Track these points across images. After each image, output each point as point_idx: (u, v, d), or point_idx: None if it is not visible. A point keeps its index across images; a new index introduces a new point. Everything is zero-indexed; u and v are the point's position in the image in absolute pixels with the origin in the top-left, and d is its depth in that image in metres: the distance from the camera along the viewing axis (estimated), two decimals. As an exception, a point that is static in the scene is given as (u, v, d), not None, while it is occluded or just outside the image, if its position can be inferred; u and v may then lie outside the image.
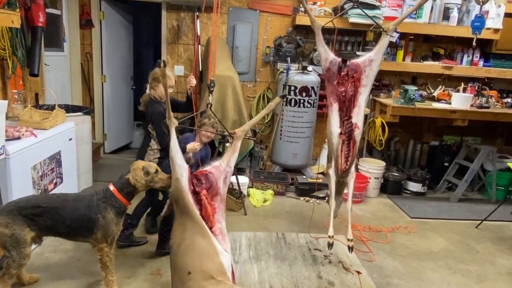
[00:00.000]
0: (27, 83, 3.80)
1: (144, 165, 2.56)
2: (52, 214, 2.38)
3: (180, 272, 2.30)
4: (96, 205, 2.45)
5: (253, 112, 5.27)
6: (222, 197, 2.54)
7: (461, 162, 5.00)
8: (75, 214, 2.41)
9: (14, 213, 2.31)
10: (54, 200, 2.44)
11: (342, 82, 2.88)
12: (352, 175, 3.09)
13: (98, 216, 2.43)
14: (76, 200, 2.46)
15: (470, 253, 3.55)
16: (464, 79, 5.18)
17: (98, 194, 2.50)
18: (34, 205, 2.37)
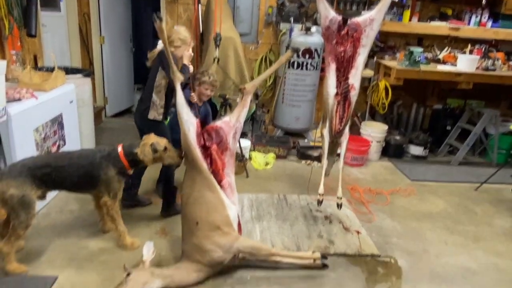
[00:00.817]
0: (25, 44, 3.73)
1: (154, 141, 2.56)
2: (60, 172, 2.44)
3: (189, 222, 2.47)
4: (99, 162, 2.52)
5: (255, 75, 5.19)
6: (231, 152, 2.65)
7: (463, 126, 4.99)
8: (80, 171, 2.49)
9: (25, 174, 2.34)
10: (61, 158, 2.50)
11: (341, 42, 2.82)
12: (345, 136, 3.13)
13: (100, 173, 2.53)
14: (80, 157, 2.53)
15: (468, 214, 3.61)
16: (471, 41, 5.06)
17: (101, 152, 2.56)
18: (43, 165, 2.41)
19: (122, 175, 2.62)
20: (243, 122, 2.71)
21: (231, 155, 2.65)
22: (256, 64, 5.19)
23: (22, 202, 2.30)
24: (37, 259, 2.56)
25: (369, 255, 2.84)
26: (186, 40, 2.93)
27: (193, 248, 2.44)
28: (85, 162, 2.51)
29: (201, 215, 2.43)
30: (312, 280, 2.55)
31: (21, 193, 2.30)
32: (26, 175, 2.34)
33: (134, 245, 2.71)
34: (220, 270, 2.52)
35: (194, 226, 2.43)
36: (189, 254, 2.47)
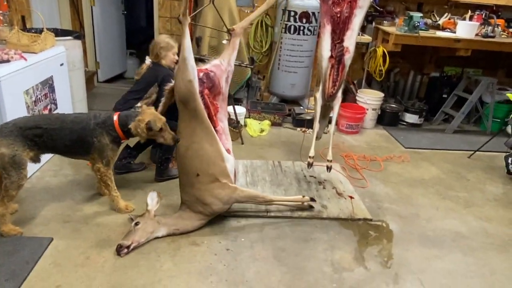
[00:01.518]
0: (12, 4, 3.60)
1: (151, 119, 2.48)
2: (52, 135, 2.40)
3: (189, 174, 2.52)
4: (93, 128, 2.47)
5: (250, 40, 5.07)
6: (224, 96, 2.68)
7: (460, 94, 4.96)
8: (73, 136, 2.45)
9: (15, 134, 2.30)
10: (53, 121, 2.44)
11: (337, 2, 2.74)
12: (338, 99, 3.12)
13: (94, 140, 2.48)
14: (74, 122, 2.47)
15: (461, 181, 3.66)
16: (472, 6, 4.94)
17: (96, 118, 2.51)
18: (34, 125, 2.37)
19: (116, 144, 2.58)
20: (233, 66, 2.73)
21: (224, 100, 2.68)
22: (252, 29, 5.05)
23: (13, 161, 2.27)
24: (32, 221, 2.57)
25: (361, 219, 2.89)
26: (168, 45, 3.05)
27: (194, 200, 2.55)
28: (78, 127, 2.46)
29: (201, 167, 2.48)
30: (305, 242, 2.60)
31: (12, 152, 2.27)
32: (17, 135, 2.31)
33: (128, 208, 2.72)
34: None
35: (195, 178, 2.49)
36: (190, 205, 2.56)
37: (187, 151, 2.49)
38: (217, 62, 2.63)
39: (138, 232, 2.37)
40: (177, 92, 2.45)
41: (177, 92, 2.46)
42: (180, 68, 2.39)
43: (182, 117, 2.51)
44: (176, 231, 2.52)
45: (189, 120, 2.46)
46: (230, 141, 2.73)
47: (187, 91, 2.38)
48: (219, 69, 2.60)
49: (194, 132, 2.47)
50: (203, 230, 2.61)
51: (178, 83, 2.42)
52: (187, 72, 2.34)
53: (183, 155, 2.52)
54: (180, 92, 2.41)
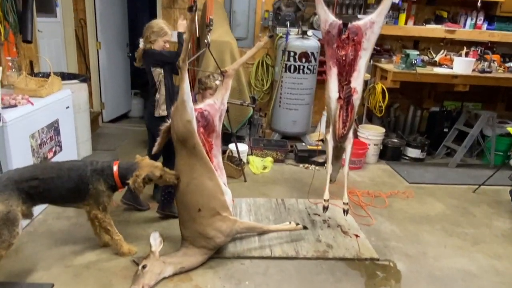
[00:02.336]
0: (21, 50, 3.72)
1: (148, 172, 2.47)
2: (48, 185, 2.33)
3: (190, 210, 2.57)
4: (90, 175, 2.44)
5: (251, 79, 5.20)
6: (217, 134, 2.76)
7: (460, 128, 4.99)
8: (69, 184, 2.39)
9: (10, 188, 2.21)
10: (49, 170, 2.39)
11: (342, 46, 2.81)
12: (349, 140, 3.10)
13: (90, 187, 2.44)
14: (70, 169, 2.43)
15: (467, 216, 3.61)
16: (467, 43, 5.08)
17: (93, 165, 2.48)
18: (30, 177, 2.29)
19: (112, 190, 2.54)
20: (226, 104, 2.81)
21: (217, 137, 2.76)
22: (253, 68, 5.20)
23: (7, 218, 2.15)
24: (33, 267, 2.53)
25: (368, 259, 2.83)
26: (160, 31, 2.95)
27: (197, 235, 2.59)
28: (75, 175, 2.41)
29: (202, 201, 2.55)
30: (311, 284, 2.54)
31: (7, 208, 2.15)
32: (12, 189, 2.20)
33: (131, 251, 2.68)
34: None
35: (196, 213, 2.55)
36: (193, 240, 2.61)
37: (188, 187, 2.55)
38: (211, 102, 2.73)
39: (146, 275, 2.34)
40: (176, 131, 2.52)
41: (175, 132, 2.53)
42: (178, 109, 2.47)
43: (180, 155, 2.57)
44: (183, 269, 2.53)
45: (188, 157, 2.54)
46: (225, 176, 2.82)
47: (186, 130, 2.47)
48: (213, 108, 2.70)
49: (194, 169, 2.55)
50: (206, 273, 2.57)
51: (177, 124, 2.49)
52: (186, 113, 2.44)
53: (183, 192, 2.57)
54: (179, 131, 2.49)
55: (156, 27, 2.95)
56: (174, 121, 2.51)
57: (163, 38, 2.98)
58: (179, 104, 2.46)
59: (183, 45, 2.49)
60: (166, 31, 2.98)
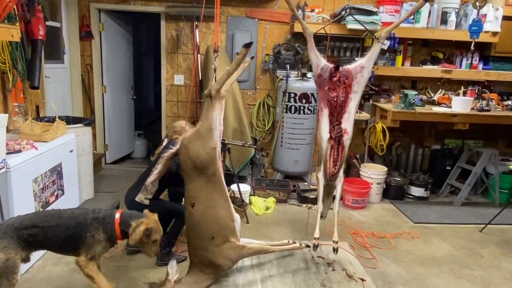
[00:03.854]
0: (28, 96, 3.82)
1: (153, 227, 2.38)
2: (47, 233, 2.27)
3: (203, 238, 2.61)
4: (89, 223, 2.34)
5: (253, 119, 5.28)
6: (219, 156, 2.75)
7: (463, 166, 4.98)
8: (68, 232, 2.31)
9: (10, 235, 2.17)
10: (49, 218, 2.33)
11: (333, 88, 2.91)
12: (340, 179, 3.14)
13: (87, 235, 2.33)
14: (70, 217, 2.35)
15: (475, 257, 3.52)
16: (464, 82, 5.19)
17: (95, 213, 2.39)
18: (31, 225, 2.24)
19: (110, 243, 2.40)
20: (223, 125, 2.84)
21: (219, 157, 2.76)
22: (254, 109, 5.29)
23: (6, 266, 2.10)
24: (30, 316, 2.46)
25: (374, 304, 2.74)
26: (181, 130, 3.20)
27: (207, 263, 2.64)
28: (74, 223, 2.32)
29: (215, 229, 2.60)
30: (316, 333, 2.44)
31: (6, 256, 2.11)
32: (12, 236, 2.16)
33: None
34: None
35: (209, 241, 2.59)
36: (202, 268, 2.67)
37: (203, 216, 2.58)
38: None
39: None
40: (196, 159, 2.53)
41: (193, 160, 2.54)
42: (202, 137, 2.52)
43: (195, 183, 2.59)
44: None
45: (205, 184, 2.58)
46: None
47: (209, 158, 2.53)
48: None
49: (211, 196, 2.59)
50: None
51: (197, 151, 2.52)
52: (212, 141, 2.53)
53: (198, 220, 2.59)
54: (200, 159, 2.52)
55: (178, 127, 3.25)
56: (194, 149, 2.53)
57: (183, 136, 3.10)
58: (204, 133, 2.52)
59: (223, 76, 2.51)
60: (186, 130, 3.12)
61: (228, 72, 2.54)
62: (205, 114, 2.54)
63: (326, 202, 3.32)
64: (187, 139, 2.59)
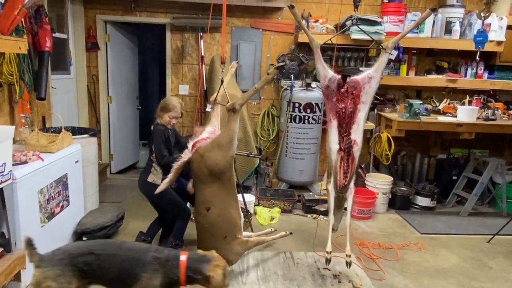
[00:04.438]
0: (34, 107, 3.85)
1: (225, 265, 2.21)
2: (103, 263, 2.10)
3: (218, 238, 2.78)
4: (149, 262, 2.11)
5: (258, 129, 5.28)
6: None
7: (469, 175, 4.94)
8: (124, 265, 2.09)
9: (65, 262, 2.04)
10: (108, 246, 2.20)
11: (341, 99, 2.90)
12: (351, 190, 3.11)
13: (143, 275, 2.08)
14: (130, 249, 2.17)
15: (483, 269, 3.47)
16: (469, 91, 5.16)
17: (158, 252, 2.18)
18: (87, 251, 2.10)
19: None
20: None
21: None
22: (259, 119, 5.29)
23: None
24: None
25: (382, 318, 2.70)
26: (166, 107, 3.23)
27: None
28: (133, 256, 2.12)
29: (227, 229, 2.80)
30: None
31: (58, 286, 1.98)
32: (66, 264, 2.02)
33: None
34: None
35: (222, 240, 2.78)
36: None
37: (219, 218, 2.77)
38: (211, 129, 2.97)
39: None
40: (214, 166, 2.71)
41: (212, 167, 2.71)
42: (222, 147, 2.72)
43: (211, 188, 2.76)
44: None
45: (220, 189, 2.77)
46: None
47: (227, 165, 2.75)
48: (214, 134, 2.92)
49: (225, 199, 2.79)
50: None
51: (216, 159, 2.70)
52: (232, 150, 2.76)
53: (215, 222, 2.77)
54: (219, 166, 2.71)
55: (162, 104, 3.24)
56: (212, 158, 2.70)
57: (168, 113, 3.20)
58: (225, 143, 2.72)
59: (248, 93, 2.90)
60: (170, 107, 3.20)
61: (255, 89, 2.87)
62: (228, 125, 2.74)
63: (337, 214, 3.28)
64: (203, 148, 2.74)
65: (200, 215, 2.81)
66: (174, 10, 5.05)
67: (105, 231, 3.56)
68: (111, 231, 3.64)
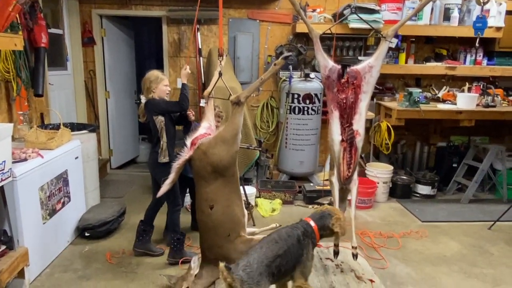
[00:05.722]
0: (32, 104, 3.83)
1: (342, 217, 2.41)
2: (284, 259, 2.15)
3: (221, 236, 2.71)
4: (303, 240, 2.27)
5: (257, 121, 5.26)
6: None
7: (470, 163, 4.94)
8: (294, 254, 2.20)
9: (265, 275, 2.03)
10: (280, 244, 2.19)
11: (342, 89, 2.87)
12: (354, 182, 3.07)
13: (303, 252, 2.25)
14: (290, 236, 2.25)
15: (484, 255, 3.49)
16: (469, 78, 5.14)
17: (299, 228, 2.32)
18: (275, 256, 2.11)
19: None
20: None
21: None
22: (258, 111, 5.28)
23: None
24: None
25: (384, 306, 2.72)
26: (157, 78, 3.09)
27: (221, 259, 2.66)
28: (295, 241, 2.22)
29: (231, 227, 2.71)
30: (327, 336, 2.42)
31: None
32: (267, 275, 2.02)
33: None
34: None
35: (225, 238, 2.70)
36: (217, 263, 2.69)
37: (222, 215, 2.67)
38: (207, 124, 2.90)
39: None
40: (218, 162, 2.60)
41: (216, 164, 2.60)
42: (227, 141, 2.60)
43: (214, 185, 2.65)
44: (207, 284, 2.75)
45: (224, 185, 2.66)
46: None
47: (231, 160, 2.64)
48: (211, 130, 2.88)
49: (229, 196, 2.69)
50: None
51: (220, 155, 2.59)
52: (236, 145, 2.64)
53: (218, 220, 2.67)
54: (223, 161, 2.60)
55: (152, 77, 3.10)
56: (216, 154, 2.59)
57: (162, 83, 3.12)
58: (229, 137, 2.61)
59: (254, 84, 2.72)
60: (162, 77, 3.13)
61: (262, 80, 2.75)
62: (232, 119, 2.63)
63: (341, 207, 3.26)
64: (206, 145, 2.63)
65: (203, 214, 2.72)
66: (170, 2, 5.01)
67: (107, 226, 3.57)
68: (113, 226, 3.65)
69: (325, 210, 2.46)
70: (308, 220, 2.39)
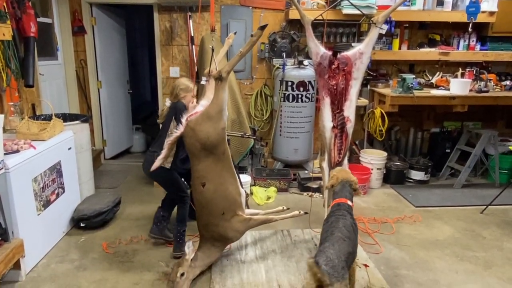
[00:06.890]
0: (23, 95, 3.78)
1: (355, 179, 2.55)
2: (352, 255, 2.20)
3: (215, 215, 2.76)
4: (355, 225, 2.33)
5: (251, 109, 5.25)
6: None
7: (462, 148, 4.98)
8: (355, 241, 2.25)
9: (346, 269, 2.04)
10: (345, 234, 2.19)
11: (333, 76, 2.88)
12: (345, 167, 3.11)
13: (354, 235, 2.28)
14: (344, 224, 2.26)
15: (477, 239, 3.54)
16: (462, 64, 5.15)
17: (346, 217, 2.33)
18: (347, 251, 2.12)
19: None
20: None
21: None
22: (252, 99, 5.25)
23: None
24: (37, 315, 2.48)
25: (379, 290, 2.76)
26: (187, 88, 3.14)
27: (218, 237, 2.82)
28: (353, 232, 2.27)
29: (225, 205, 2.76)
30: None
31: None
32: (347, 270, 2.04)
33: None
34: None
35: (220, 217, 2.75)
36: (214, 242, 2.85)
37: (215, 193, 2.70)
38: (206, 103, 2.82)
39: (186, 282, 2.61)
40: (206, 140, 2.59)
41: (203, 140, 2.60)
42: (212, 118, 2.59)
43: (205, 163, 2.67)
44: (205, 267, 2.84)
45: (215, 164, 2.68)
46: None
47: (218, 138, 2.63)
48: None
49: (221, 174, 2.71)
50: None
51: (207, 132, 2.59)
52: (221, 121, 2.63)
53: (210, 198, 2.71)
54: (211, 139, 2.60)
55: (182, 85, 3.15)
56: (203, 131, 2.59)
57: (190, 93, 3.19)
58: (214, 114, 2.59)
59: (236, 57, 2.67)
60: (191, 87, 3.18)
61: (241, 54, 2.67)
62: (215, 95, 2.60)
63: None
64: (193, 121, 2.63)
65: (196, 191, 2.75)
66: (161, -11, 4.93)
67: (102, 216, 3.57)
68: (109, 216, 3.65)
69: (340, 179, 2.51)
70: (346, 201, 2.43)
